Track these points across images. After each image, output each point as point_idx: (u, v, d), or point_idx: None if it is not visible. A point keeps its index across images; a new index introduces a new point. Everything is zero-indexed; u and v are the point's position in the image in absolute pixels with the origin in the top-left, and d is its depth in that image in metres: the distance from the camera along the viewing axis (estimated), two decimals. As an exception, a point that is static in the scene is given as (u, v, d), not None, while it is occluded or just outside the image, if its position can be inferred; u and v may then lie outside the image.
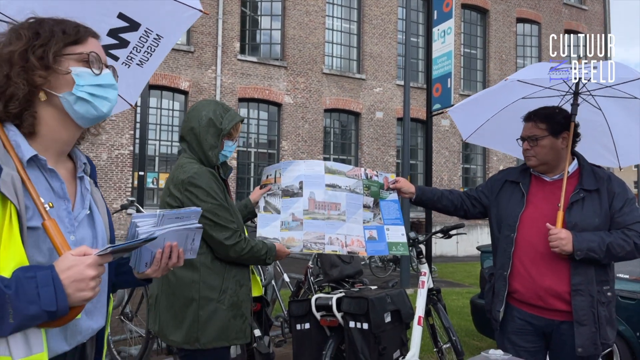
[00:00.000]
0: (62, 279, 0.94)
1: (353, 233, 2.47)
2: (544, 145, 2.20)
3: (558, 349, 2.15)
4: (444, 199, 2.53)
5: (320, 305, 2.63)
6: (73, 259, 0.96)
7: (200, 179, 2.00)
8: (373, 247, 2.50)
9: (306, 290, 4.35)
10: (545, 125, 2.20)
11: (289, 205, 2.43)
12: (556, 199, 2.17)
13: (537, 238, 2.14)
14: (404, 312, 2.67)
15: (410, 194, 2.56)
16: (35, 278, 0.92)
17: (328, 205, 2.47)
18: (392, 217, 2.58)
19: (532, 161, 2.24)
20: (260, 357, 2.83)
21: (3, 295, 0.88)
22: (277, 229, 2.38)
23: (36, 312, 0.91)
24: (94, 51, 1.12)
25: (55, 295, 0.92)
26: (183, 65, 13.11)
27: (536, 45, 18.65)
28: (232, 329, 2.03)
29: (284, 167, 2.50)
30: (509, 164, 17.58)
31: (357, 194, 2.55)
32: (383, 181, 2.63)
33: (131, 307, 4.18)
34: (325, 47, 15.23)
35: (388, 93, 15.92)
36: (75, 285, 0.95)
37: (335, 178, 2.53)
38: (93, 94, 1.10)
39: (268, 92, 14.15)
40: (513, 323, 2.23)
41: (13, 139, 1.04)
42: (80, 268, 0.95)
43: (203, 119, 2.08)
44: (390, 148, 15.84)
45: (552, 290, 2.09)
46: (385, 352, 2.48)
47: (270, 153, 14.50)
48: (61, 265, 0.95)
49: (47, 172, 1.09)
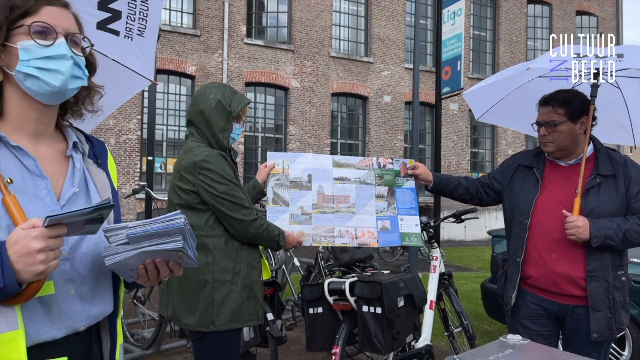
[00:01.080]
0: (10, 254, 0.91)
1: (364, 224, 2.46)
2: (562, 131, 2.15)
3: (571, 332, 2.14)
4: (460, 188, 2.50)
5: (333, 290, 2.62)
6: (20, 232, 0.92)
7: (212, 161, 2.01)
8: (385, 238, 2.50)
9: (317, 275, 4.37)
10: (563, 110, 2.15)
11: (297, 198, 2.43)
12: (572, 184, 2.13)
13: (552, 224, 2.11)
14: (417, 297, 2.66)
15: (427, 182, 2.53)
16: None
17: (337, 199, 2.47)
18: (406, 207, 2.56)
19: (549, 147, 2.19)
20: (273, 341, 2.86)
21: None
22: (286, 222, 2.39)
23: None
24: (39, 20, 1.05)
25: (1, 272, 0.89)
26: (189, 50, 13.03)
27: (547, 26, 18.31)
28: (245, 311, 2.05)
29: (292, 158, 2.50)
30: (518, 148, 17.43)
31: (368, 185, 2.54)
32: (400, 167, 2.60)
33: (143, 291, 4.23)
34: (333, 30, 15.06)
35: (396, 76, 15.76)
36: (23, 260, 0.90)
37: (343, 171, 2.53)
38: (41, 68, 1.04)
39: (275, 76, 14.06)
40: (526, 308, 2.22)
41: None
42: (26, 241, 0.90)
43: (212, 102, 2.06)
44: (398, 132, 15.74)
45: (567, 276, 2.07)
46: (399, 336, 2.48)
47: (277, 138, 14.46)
48: (10, 240, 0.92)
49: (16, 150, 1.05)
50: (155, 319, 3.99)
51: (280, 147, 14.27)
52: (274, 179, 2.46)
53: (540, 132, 2.21)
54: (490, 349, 1.49)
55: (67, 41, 1.08)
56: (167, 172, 13.09)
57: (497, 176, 2.45)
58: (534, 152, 2.35)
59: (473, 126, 17.14)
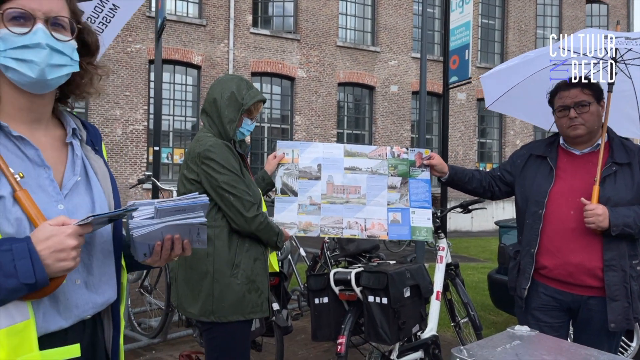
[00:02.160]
0: (40, 249, 0.92)
1: (374, 216, 2.40)
2: (593, 112, 2.10)
3: (584, 323, 2.12)
4: (474, 181, 2.45)
5: (338, 280, 2.62)
6: (51, 229, 0.93)
7: (215, 151, 2.00)
8: (395, 231, 2.43)
9: (322, 265, 4.36)
10: (590, 92, 2.11)
11: (306, 187, 2.40)
12: (587, 173, 2.10)
13: (568, 214, 2.08)
14: (423, 287, 2.65)
15: (443, 173, 2.47)
16: (12, 251, 0.90)
17: (347, 189, 2.42)
18: (420, 199, 2.48)
19: (580, 130, 2.11)
20: (279, 331, 2.86)
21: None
22: (294, 213, 2.35)
23: (15, 285, 0.90)
24: (14, 7, 0.99)
25: (32, 268, 0.90)
26: (195, 39, 12.98)
27: (557, 14, 18.03)
28: (247, 303, 2.04)
29: (302, 147, 2.46)
30: (526, 138, 17.27)
31: (380, 175, 2.47)
32: (415, 157, 2.52)
33: (150, 280, 4.25)
34: (339, 19, 14.92)
35: (403, 66, 15.63)
36: (55, 256, 0.92)
37: (355, 161, 2.46)
38: (17, 59, 0.99)
39: (281, 65, 13.98)
40: (538, 299, 2.19)
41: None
42: (60, 238, 0.93)
43: (226, 92, 2.08)
44: (405, 122, 15.64)
45: (583, 267, 2.04)
46: (405, 326, 2.47)
47: (283, 128, 14.42)
48: (39, 236, 0.93)
49: (18, 140, 1.04)
50: (161, 308, 4.01)
51: (286, 138, 14.25)
52: (282, 168, 2.43)
53: (569, 115, 2.12)
54: (498, 340, 1.47)
55: (47, 26, 1.02)
56: (174, 162, 13.13)
57: (508, 167, 2.41)
58: (546, 141, 2.31)
59: (481, 116, 17.00)
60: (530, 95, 2.65)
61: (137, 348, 3.90)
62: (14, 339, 0.93)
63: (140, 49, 12.30)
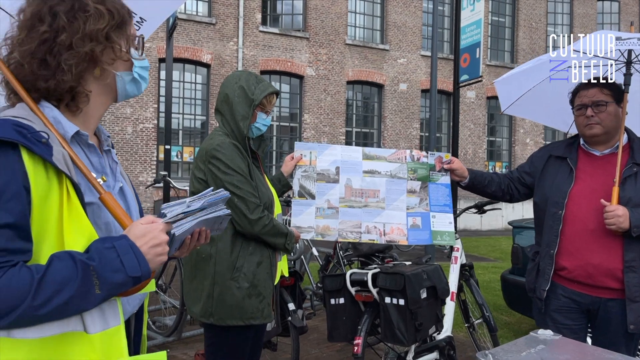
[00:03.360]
0: (139, 245, 0.97)
1: (393, 221, 2.37)
2: (610, 112, 2.10)
3: (603, 326, 2.11)
4: (493, 184, 2.43)
5: (355, 281, 2.62)
6: (145, 226, 1.00)
7: (222, 150, 1.97)
8: (415, 236, 2.39)
9: (335, 265, 4.37)
10: (609, 91, 2.11)
11: (324, 190, 2.36)
12: (607, 174, 2.09)
13: (588, 215, 2.07)
14: (440, 288, 2.64)
15: (463, 177, 2.45)
16: (115, 248, 0.95)
17: (366, 193, 2.38)
18: (440, 204, 2.45)
19: (595, 129, 2.12)
20: (294, 330, 2.87)
21: (87, 268, 0.90)
22: (311, 216, 2.32)
23: (122, 279, 0.94)
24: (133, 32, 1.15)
25: (137, 262, 0.96)
26: (205, 38, 13.01)
27: (567, 12, 17.86)
28: (247, 308, 1.98)
29: (320, 149, 2.42)
30: (536, 136, 17.15)
31: (399, 179, 2.43)
32: (435, 161, 2.49)
33: (164, 279, 4.28)
34: (348, 17, 14.88)
35: (412, 64, 15.56)
36: (153, 250, 0.99)
37: (374, 164, 2.43)
38: (141, 76, 1.16)
39: (290, 64, 13.98)
40: (557, 301, 2.18)
41: (50, 116, 1.03)
42: (155, 233, 1.00)
43: (236, 88, 2.04)
44: (414, 121, 15.58)
45: (603, 268, 2.03)
46: (422, 328, 2.47)
47: (292, 126, 14.43)
48: (136, 233, 0.99)
49: (87, 148, 1.09)
50: (176, 306, 4.04)
51: (295, 136, 14.25)
52: (300, 170, 2.40)
53: (586, 114, 2.13)
54: (522, 344, 1.47)
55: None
56: (183, 160, 13.18)
57: (527, 168, 2.40)
58: (565, 142, 2.30)
59: (490, 114, 16.90)
60: (546, 98, 2.64)
61: (151, 346, 3.93)
62: (107, 344, 0.97)
63: (150, 48, 12.35)
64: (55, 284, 0.87)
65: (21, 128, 0.92)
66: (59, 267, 0.89)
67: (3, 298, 0.84)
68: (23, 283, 0.85)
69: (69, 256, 0.91)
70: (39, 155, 0.91)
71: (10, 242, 0.87)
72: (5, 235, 0.87)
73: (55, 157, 0.94)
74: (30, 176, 0.90)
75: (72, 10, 1.02)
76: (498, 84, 2.63)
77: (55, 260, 0.90)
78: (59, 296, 0.87)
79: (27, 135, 0.91)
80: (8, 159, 0.89)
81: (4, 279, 0.85)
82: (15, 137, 0.89)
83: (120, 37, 1.09)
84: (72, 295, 0.88)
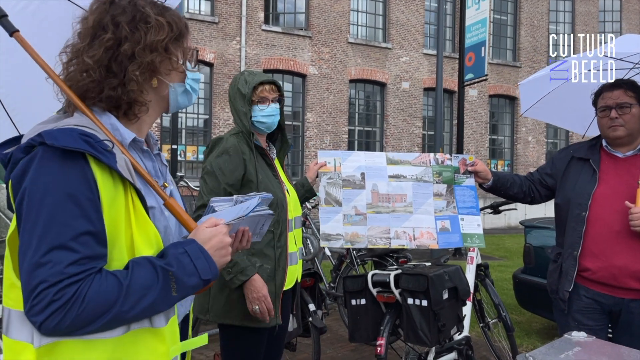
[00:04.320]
0: (207, 249, 1.02)
1: (422, 225, 2.37)
2: (635, 114, 2.12)
3: (625, 326, 2.13)
4: (515, 186, 2.44)
5: (377, 282, 2.63)
6: (210, 230, 1.04)
7: (211, 170, 1.99)
8: (446, 239, 2.40)
9: (348, 264, 4.38)
10: (633, 94, 2.12)
11: (350, 197, 2.35)
12: (631, 176, 2.10)
13: (612, 216, 2.08)
14: (461, 289, 2.66)
15: (486, 179, 2.45)
16: (187, 253, 0.99)
17: (393, 197, 2.38)
18: (467, 206, 2.46)
19: (619, 131, 2.14)
20: (315, 331, 2.89)
21: (167, 273, 0.95)
22: (339, 224, 2.31)
23: (196, 282, 0.99)
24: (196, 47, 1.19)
25: (208, 265, 1.00)
26: (207, 37, 13.00)
27: (569, 10, 17.86)
28: (242, 310, 1.95)
29: (343, 156, 2.43)
30: (538, 135, 17.17)
31: (425, 183, 2.43)
32: (459, 164, 2.50)
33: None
34: (351, 15, 14.87)
35: (415, 62, 15.56)
36: (219, 253, 1.04)
37: (398, 168, 2.43)
38: (192, 88, 1.18)
39: (293, 62, 13.98)
40: (579, 302, 2.20)
41: (108, 123, 1.04)
42: (220, 237, 1.04)
43: (235, 88, 2.09)
44: (417, 119, 15.59)
45: (627, 269, 2.05)
46: (445, 328, 2.48)
47: (295, 125, 14.42)
48: (202, 237, 1.03)
49: (142, 153, 1.12)
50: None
51: (297, 135, 14.25)
52: (325, 177, 2.38)
53: (610, 115, 2.15)
54: (559, 346, 1.49)
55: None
56: (187, 159, 13.19)
57: (548, 170, 2.41)
58: (588, 144, 2.31)
59: (492, 112, 16.91)
60: (564, 101, 2.66)
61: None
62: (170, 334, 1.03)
63: (153, 47, 12.34)
64: (140, 289, 0.91)
65: (88, 137, 0.93)
66: (142, 273, 0.93)
67: (94, 304, 0.87)
68: (112, 289, 0.89)
69: (149, 262, 0.95)
70: (105, 163, 0.93)
71: (92, 248, 0.90)
72: (87, 242, 0.89)
73: (119, 165, 0.96)
74: (99, 184, 0.93)
75: (134, 20, 1.04)
76: (522, 86, 2.64)
77: (136, 267, 0.94)
78: (144, 300, 0.92)
79: (94, 145, 0.93)
80: (80, 168, 0.91)
81: (94, 286, 0.88)
82: (84, 147, 0.91)
83: (178, 49, 1.11)
84: (155, 298, 0.93)
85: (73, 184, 0.90)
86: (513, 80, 16.73)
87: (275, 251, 2.03)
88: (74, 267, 0.87)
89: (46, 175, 0.89)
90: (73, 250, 0.87)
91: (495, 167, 16.95)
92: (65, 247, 0.87)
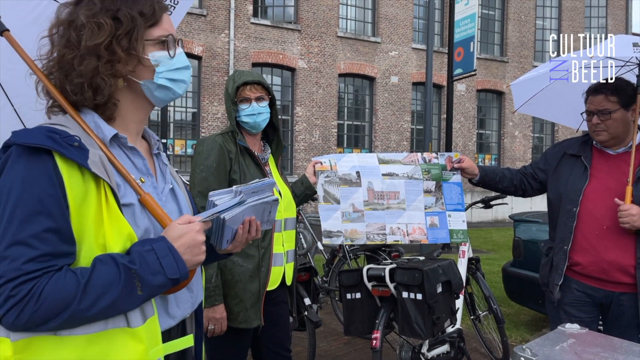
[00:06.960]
0: (177, 247, 0.99)
1: (414, 221, 2.44)
2: (617, 119, 2.15)
3: (615, 319, 2.19)
4: (505, 180, 2.49)
5: (372, 276, 2.67)
6: (182, 227, 1.01)
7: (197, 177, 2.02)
8: (434, 235, 2.47)
9: (341, 259, 4.41)
10: (616, 98, 2.15)
11: (347, 195, 2.41)
12: (621, 172, 2.15)
13: (603, 212, 2.13)
14: (455, 283, 2.70)
15: (473, 175, 2.50)
16: (154, 250, 0.96)
17: (387, 195, 2.44)
18: (454, 202, 2.52)
19: (602, 136, 2.20)
20: (310, 325, 2.92)
21: (129, 271, 0.92)
22: (339, 221, 2.36)
23: (162, 281, 0.96)
24: (171, 33, 1.09)
25: (175, 264, 0.97)
26: (196, 30, 12.87)
27: (556, 5, 18.04)
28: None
29: (337, 158, 2.48)
30: (524, 129, 17.38)
31: (416, 180, 2.50)
32: (445, 162, 2.56)
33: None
34: (340, 9, 14.84)
35: (403, 57, 15.61)
36: (190, 251, 1.00)
37: (390, 167, 2.49)
38: (172, 79, 1.10)
39: (282, 56, 13.92)
40: (570, 295, 2.25)
41: (91, 121, 1.04)
42: (192, 234, 1.01)
43: (226, 88, 2.13)
44: (405, 113, 15.66)
45: (617, 264, 2.10)
46: (439, 321, 2.53)
47: (284, 119, 14.40)
48: (172, 234, 1.00)
49: (128, 150, 1.10)
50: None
51: (287, 129, 14.22)
52: (323, 176, 2.42)
53: (592, 121, 2.20)
54: (554, 338, 1.53)
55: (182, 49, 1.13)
56: (175, 153, 13.09)
57: (541, 165, 2.46)
58: (580, 140, 2.36)
59: (479, 107, 17.06)
60: (556, 97, 2.70)
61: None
62: (149, 333, 1.00)
63: (140, 39, 12.19)
64: (99, 287, 0.89)
65: (53, 133, 0.93)
66: (103, 271, 0.91)
67: (50, 302, 0.86)
68: (69, 287, 0.88)
69: (112, 260, 0.92)
70: (72, 159, 0.92)
71: (53, 246, 0.89)
72: (48, 239, 0.88)
73: (90, 160, 0.94)
74: (65, 180, 0.92)
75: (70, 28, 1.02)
76: (514, 86, 2.68)
77: (98, 264, 0.92)
78: (103, 299, 0.90)
79: (57, 140, 0.92)
80: (42, 165, 0.91)
81: (51, 283, 0.87)
82: (45, 142, 0.90)
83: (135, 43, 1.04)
84: (116, 297, 0.91)
85: (36, 181, 0.89)
86: (500, 75, 16.89)
87: (259, 251, 2.00)
88: (32, 264, 0.86)
89: (12, 173, 0.90)
90: (32, 247, 0.87)
91: (483, 161, 17.12)
92: (24, 243, 0.87)
